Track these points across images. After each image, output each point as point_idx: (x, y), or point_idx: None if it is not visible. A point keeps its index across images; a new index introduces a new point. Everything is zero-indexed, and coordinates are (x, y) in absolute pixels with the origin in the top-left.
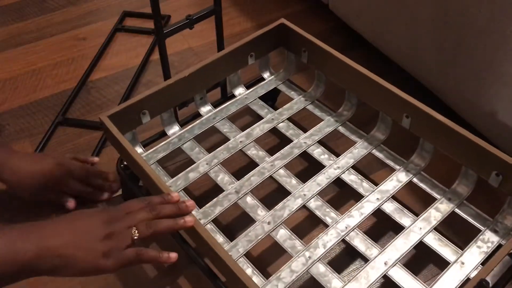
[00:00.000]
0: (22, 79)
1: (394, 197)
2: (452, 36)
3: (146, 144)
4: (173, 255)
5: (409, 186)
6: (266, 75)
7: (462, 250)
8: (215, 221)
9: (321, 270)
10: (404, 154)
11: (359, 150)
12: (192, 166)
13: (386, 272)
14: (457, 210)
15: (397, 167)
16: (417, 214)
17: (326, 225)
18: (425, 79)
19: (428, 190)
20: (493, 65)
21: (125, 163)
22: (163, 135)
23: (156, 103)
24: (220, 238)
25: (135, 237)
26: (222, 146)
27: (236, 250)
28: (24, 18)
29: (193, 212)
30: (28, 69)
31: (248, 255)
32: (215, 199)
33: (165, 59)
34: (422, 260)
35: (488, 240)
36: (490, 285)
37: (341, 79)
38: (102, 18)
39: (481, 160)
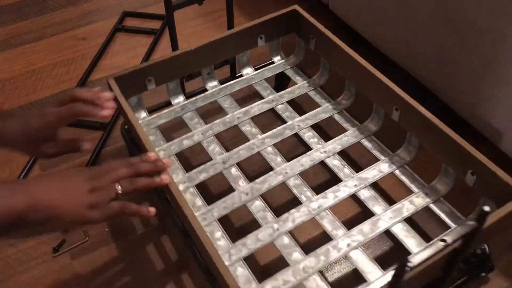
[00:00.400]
0: (22, 79)
1: (378, 187)
2: (452, 36)
3: (151, 111)
4: (152, 209)
5: (394, 178)
6: (276, 59)
7: (427, 243)
8: (200, 186)
9: (285, 242)
10: (395, 147)
11: (348, 138)
12: (188, 134)
13: (347, 253)
14: (431, 206)
15: (382, 157)
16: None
17: (297, 202)
18: (425, 79)
19: (407, 183)
20: (493, 65)
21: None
22: (169, 104)
23: (162, 72)
24: (199, 201)
25: (119, 192)
26: (219, 120)
27: (211, 214)
28: (24, 18)
29: (179, 176)
30: (28, 69)
31: (224, 222)
32: (202, 166)
33: (173, 32)
34: (391, 249)
35: None
36: (413, 265)
37: (342, 68)
38: (102, 18)
39: (459, 158)
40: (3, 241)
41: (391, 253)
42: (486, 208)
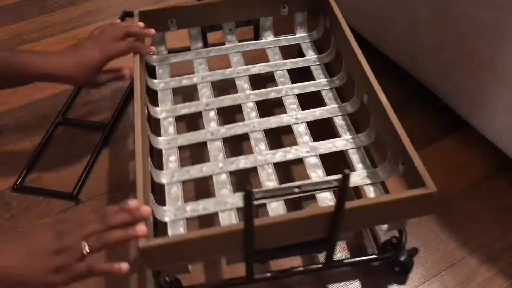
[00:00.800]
0: None
1: (330, 160)
2: (452, 36)
3: (172, 52)
4: (124, 266)
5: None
6: (298, 31)
7: None
8: (179, 118)
9: (222, 179)
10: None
11: (324, 112)
12: (190, 75)
13: (266, 203)
14: (365, 187)
15: (344, 136)
16: None
17: (250, 152)
18: (425, 79)
19: (354, 163)
20: (493, 65)
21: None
22: (189, 49)
23: (183, 17)
24: (171, 129)
25: (86, 252)
26: (220, 70)
27: (175, 141)
28: (24, 18)
29: (167, 106)
30: None
31: (185, 152)
32: (187, 103)
33: None
34: None
35: None
36: (259, 196)
37: (341, 49)
38: (102, 18)
39: (397, 148)
40: None
41: None
42: (346, 171)
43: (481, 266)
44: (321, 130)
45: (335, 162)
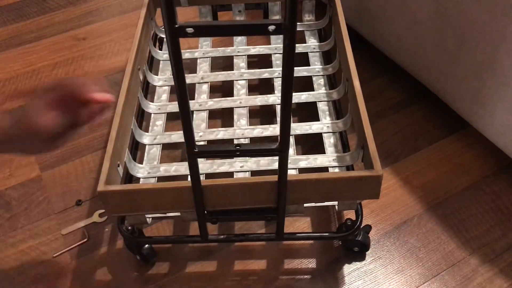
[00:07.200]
0: (22, 79)
1: (308, 141)
2: (452, 36)
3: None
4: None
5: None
6: (306, 18)
7: None
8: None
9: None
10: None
11: (309, 96)
12: (193, 50)
13: (235, 172)
14: (330, 169)
15: (323, 120)
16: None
17: (232, 125)
18: (425, 79)
19: (326, 146)
20: (493, 65)
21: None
22: None
23: None
24: (164, 96)
25: None
26: (222, 48)
27: (165, 107)
28: (24, 18)
29: (166, 75)
30: (28, 69)
31: (173, 119)
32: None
33: None
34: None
35: None
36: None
37: (338, 39)
38: (102, 18)
39: (360, 134)
40: (3, 241)
41: None
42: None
43: (481, 266)
44: (307, 113)
45: (312, 144)
